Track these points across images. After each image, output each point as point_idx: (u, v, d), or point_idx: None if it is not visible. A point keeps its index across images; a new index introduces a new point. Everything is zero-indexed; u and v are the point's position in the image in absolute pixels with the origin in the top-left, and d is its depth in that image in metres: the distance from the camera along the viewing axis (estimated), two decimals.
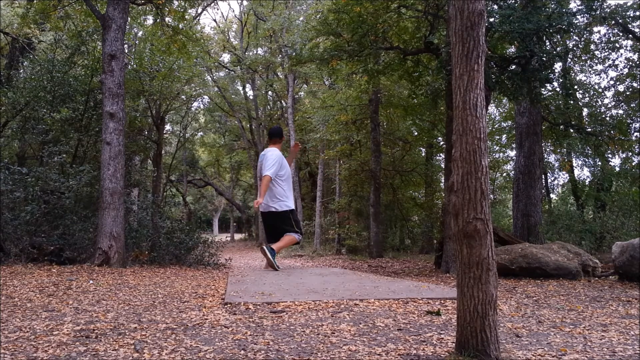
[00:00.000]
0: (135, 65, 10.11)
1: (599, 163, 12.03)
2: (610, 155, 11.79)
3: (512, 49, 7.05)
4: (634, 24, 9.73)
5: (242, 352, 2.07)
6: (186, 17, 9.39)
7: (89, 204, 7.33)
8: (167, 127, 19.55)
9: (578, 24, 6.75)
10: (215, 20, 37.27)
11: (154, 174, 11.87)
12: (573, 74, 11.27)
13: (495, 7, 6.17)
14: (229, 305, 3.18)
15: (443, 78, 6.55)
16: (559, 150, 13.70)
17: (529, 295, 3.95)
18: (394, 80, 10.71)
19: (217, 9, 41.42)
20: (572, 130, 10.05)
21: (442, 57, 6.25)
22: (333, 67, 8.38)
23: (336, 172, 15.59)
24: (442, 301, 3.35)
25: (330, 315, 2.85)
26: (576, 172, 14.55)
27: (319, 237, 15.36)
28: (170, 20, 8.99)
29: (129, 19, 7.68)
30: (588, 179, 13.87)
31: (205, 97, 20.11)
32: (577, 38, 9.44)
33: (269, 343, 2.22)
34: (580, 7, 6.67)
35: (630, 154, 11.61)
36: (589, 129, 9.94)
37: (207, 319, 2.75)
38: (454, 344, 2.05)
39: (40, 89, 7.95)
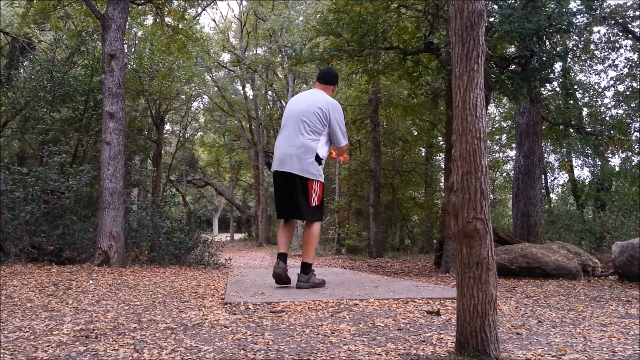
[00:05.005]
0: (135, 65, 10.12)
1: (599, 163, 12.03)
2: (610, 155, 11.81)
3: (512, 49, 7.05)
4: (633, 24, 9.75)
5: (242, 352, 2.07)
6: (186, 17, 9.39)
7: (89, 204, 7.34)
8: (167, 127, 19.57)
9: (578, 23, 6.75)
10: (214, 21, 37.26)
11: (153, 173, 11.89)
12: (573, 74, 11.27)
13: (495, 7, 6.17)
14: (228, 305, 3.18)
15: (443, 78, 6.56)
16: (559, 150, 13.71)
17: (529, 295, 3.94)
18: (394, 80, 10.70)
19: (217, 9, 41.38)
20: (572, 130, 10.06)
21: (442, 57, 6.26)
22: (333, 67, 8.38)
23: (336, 172, 15.58)
24: (442, 301, 3.35)
25: (330, 315, 2.85)
26: (576, 172, 14.56)
27: (319, 237, 15.36)
28: (170, 20, 9.00)
29: (129, 18, 7.68)
30: (588, 179, 13.88)
31: (205, 97, 20.12)
32: (577, 38, 9.45)
33: (268, 343, 2.22)
34: (580, 7, 6.68)
35: (630, 153, 11.62)
36: (589, 129, 9.95)
37: (207, 318, 2.75)
38: (453, 344, 2.05)
39: (40, 89, 7.96)
